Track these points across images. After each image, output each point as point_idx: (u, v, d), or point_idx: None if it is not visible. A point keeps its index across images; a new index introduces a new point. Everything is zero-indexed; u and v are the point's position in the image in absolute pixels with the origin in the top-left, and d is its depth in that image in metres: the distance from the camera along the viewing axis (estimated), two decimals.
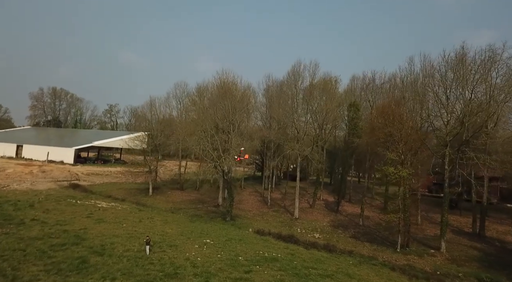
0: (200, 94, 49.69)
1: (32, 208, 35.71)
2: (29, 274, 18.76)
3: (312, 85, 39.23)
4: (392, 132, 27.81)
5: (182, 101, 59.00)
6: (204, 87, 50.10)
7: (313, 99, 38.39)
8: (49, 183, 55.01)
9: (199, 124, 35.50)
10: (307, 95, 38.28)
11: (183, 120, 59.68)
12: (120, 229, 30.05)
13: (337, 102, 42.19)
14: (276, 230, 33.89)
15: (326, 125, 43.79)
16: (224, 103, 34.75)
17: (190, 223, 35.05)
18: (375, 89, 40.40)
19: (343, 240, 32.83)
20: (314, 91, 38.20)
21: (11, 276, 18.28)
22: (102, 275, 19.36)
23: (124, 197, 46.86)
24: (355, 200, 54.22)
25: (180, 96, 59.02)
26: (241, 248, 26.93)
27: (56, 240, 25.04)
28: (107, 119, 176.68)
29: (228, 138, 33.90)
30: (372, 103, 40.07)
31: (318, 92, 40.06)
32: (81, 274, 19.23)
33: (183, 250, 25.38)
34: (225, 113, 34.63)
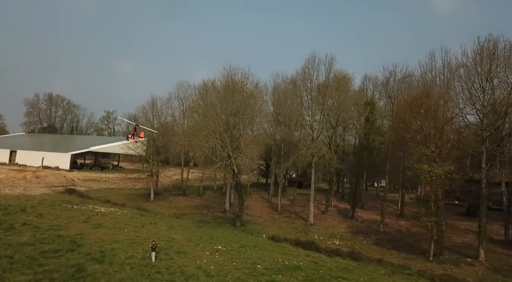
0: (207, 90, 47.13)
1: (23, 212, 32.84)
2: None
3: (327, 81, 36.88)
4: (423, 125, 25.34)
5: (185, 102, 56.49)
6: (211, 83, 47.84)
7: (327, 96, 36.01)
8: (43, 188, 52.20)
9: (206, 121, 32.92)
10: (323, 90, 35.88)
11: (185, 121, 57.16)
12: (121, 234, 27.26)
13: (351, 101, 39.82)
14: (293, 236, 31.25)
15: (339, 127, 41.25)
16: (233, 97, 32.30)
17: (197, 229, 32.32)
18: (397, 83, 38.13)
19: (366, 247, 30.16)
20: (329, 88, 35.80)
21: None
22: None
23: (123, 202, 44.14)
24: (367, 206, 51.60)
25: (182, 97, 56.53)
26: (257, 255, 24.20)
27: (48, 246, 22.24)
28: (104, 126, 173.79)
29: (238, 136, 31.37)
30: (393, 99, 37.72)
31: (332, 90, 37.65)
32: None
33: (193, 257, 22.63)
34: (234, 108, 32.15)
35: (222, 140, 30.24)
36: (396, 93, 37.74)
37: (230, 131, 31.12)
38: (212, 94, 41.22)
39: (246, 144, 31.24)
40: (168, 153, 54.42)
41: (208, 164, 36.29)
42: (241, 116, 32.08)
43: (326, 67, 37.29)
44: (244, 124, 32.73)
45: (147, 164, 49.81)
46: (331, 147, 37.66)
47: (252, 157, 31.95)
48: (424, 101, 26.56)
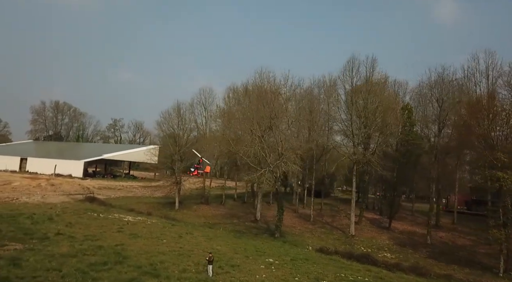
0: (240, 94, 45.67)
1: (51, 221, 31.25)
2: None
3: (370, 83, 35.41)
4: (491, 129, 23.79)
5: (208, 107, 55.19)
6: (242, 87, 46.34)
7: (369, 99, 34.54)
8: (61, 196, 50.65)
9: (246, 125, 31.49)
10: (363, 94, 34.43)
11: (208, 128, 55.81)
12: (161, 245, 25.64)
13: (387, 105, 38.29)
14: (338, 248, 29.49)
15: (373, 133, 39.54)
16: (273, 101, 30.90)
17: (237, 239, 30.65)
18: (446, 86, 36.56)
19: (422, 261, 28.43)
20: (371, 90, 34.35)
21: None
22: None
23: (148, 211, 42.48)
24: (398, 217, 49.77)
25: (204, 103, 55.25)
26: (314, 269, 22.48)
27: (93, 258, 20.62)
28: (110, 134, 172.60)
29: (280, 141, 29.81)
30: (441, 102, 36.18)
31: (366, 93, 36.16)
32: None
33: (249, 271, 20.96)
34: (274, 112, 30.72)
35: (266, 145, 28.70)
36: (445, 97, 36.22)
37: (273, 136, 29.65)
38: (247, 98, 39.77)
39: (287, 149, 29.64)
40: (191, 161, 52.79)
41: (246, 170, 34.65)
42: (279, 121, 30.63)
43: (368, 69, 36.00)
44: (283, 130, 31.18)
45: (171, 170, 48.06)
46: (375, 152, 35.99)
47: (295, 162, 30.34)
48: (490, 104, 25.04)
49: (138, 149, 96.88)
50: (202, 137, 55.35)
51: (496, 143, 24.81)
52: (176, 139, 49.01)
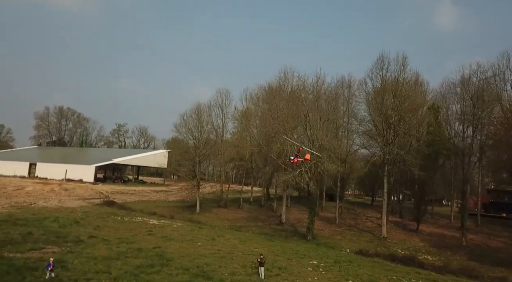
0: (271, 93, 44.79)
1: (78, 224, 30.50)
2: None
3: (399, 83, 34.79)
4: None
5: (225, 109, 54.48)
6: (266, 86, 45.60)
7: (399, 98, 33.90)
8: (77, 201, 49.87)
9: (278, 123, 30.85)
10: (394, 92, 33.77)
11: (225, 130, 55.15)
12: (199, 248, 24.86)
13: (417, 104, 37.67)
14: (378, 251, 28.73)
15: (402, 132, 38.74)
16: (303, 102, 30.33)
17: (270, 242, 29.85)
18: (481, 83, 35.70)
19: (466, 263, 27.57)
20: (404, 88, 33.74)
21: None
22: None
23: (170, 214, 41.72)
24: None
25: (221, 105, 54.57)
26: (363, 271, 21.67)
27: (137, 260, 19.85)
28: (114, 139, 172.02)
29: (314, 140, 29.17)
30: (475, 100, 35.28)
31: (397, 91, 35.51)
32: None
33: (299, 273, 20.20)
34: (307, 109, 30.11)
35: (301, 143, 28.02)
36: (478, 95, 35.53)
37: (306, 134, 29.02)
38: (274, 98, 39.03)
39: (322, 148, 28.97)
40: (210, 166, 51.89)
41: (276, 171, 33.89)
42: (313, 119, 30.01)
43: (399, 67, 35.28)
44: (317, 128, 30.51)
45: (193, 174, 47.19)
46: (409, 152, 35.28)
47: (334, 161, 29.65)
48: None
49: (148, 153, 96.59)
50: (220, 140, 54.44)
51: None
52: (195, 142, 48.32)
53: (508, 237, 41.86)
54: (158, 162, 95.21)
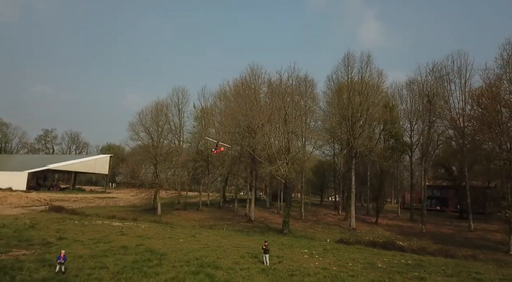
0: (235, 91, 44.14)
1: (34, 229, 27.31)
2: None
3: (364, 79, 36.76)
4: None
5: (182, 108, 52.97)
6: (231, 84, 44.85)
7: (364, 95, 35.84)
8: (14, 209, 44.70)
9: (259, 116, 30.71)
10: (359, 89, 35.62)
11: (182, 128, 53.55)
12: (184, 243, 23.72)
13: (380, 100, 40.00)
14: (356, 240, 29.88)
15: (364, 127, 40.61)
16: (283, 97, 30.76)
17: (250, 237, 29.60)
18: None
19: (435, 246, 29.64)
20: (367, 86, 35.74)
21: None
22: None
23: (131, 217, 39.31)
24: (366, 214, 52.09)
25: (178, 103, 52.95)
26: (355, 256, 22.32)
27: (130, 257, 18.28)
28: (41, 146, 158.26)
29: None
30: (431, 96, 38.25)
31: (361, 88, 37.48)
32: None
33: (299, 260, 20.26)
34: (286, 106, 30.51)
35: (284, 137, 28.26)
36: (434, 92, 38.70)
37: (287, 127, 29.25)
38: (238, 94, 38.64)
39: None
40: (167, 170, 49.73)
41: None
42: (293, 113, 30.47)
43: (363, 65, 37.33)
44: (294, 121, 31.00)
45: (155, 174, 44.74)
46: (377, 144, 37.16)
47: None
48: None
49: (88, 158, 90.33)
50: (177, 140, 52.72)
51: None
52: (156, 141, 46.20)
53: (451, 225, 46.26)
54: (99, 167, 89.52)
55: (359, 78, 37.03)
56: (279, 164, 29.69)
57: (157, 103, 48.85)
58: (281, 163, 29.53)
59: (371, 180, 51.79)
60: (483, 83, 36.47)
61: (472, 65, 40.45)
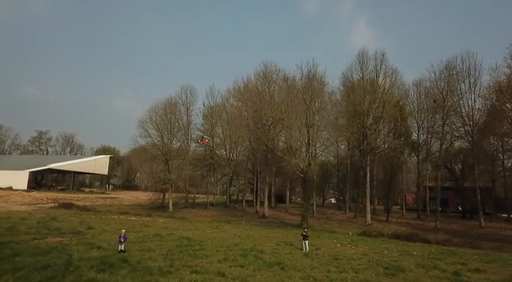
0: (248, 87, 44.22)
1: (56, 221, 27.06)
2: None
3: (378, 76, 37.34)
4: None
5: (190, 107, 53.05)
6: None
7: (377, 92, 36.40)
8: (21, 206, 44.16)
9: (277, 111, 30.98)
10: (375, 85, 36.20)
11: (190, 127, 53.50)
12: (213, 234, 23.81)
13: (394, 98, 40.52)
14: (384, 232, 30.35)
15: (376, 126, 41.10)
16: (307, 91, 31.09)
17: (272, 230, 29.76)
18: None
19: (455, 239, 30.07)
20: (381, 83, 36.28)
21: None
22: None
23: (143, 213, 39.12)
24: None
25: (186, 102, 53.01)
26: (387, 246, 22.57)
27: (169, 243, 18.35)
28: (34, 148, 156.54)
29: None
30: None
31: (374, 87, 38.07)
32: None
33: (335, 247, 20.55)
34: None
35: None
36: (448, 90, 39.31)
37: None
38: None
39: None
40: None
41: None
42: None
43: (377, 63, 37.94)
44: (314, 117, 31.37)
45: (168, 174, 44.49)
46: (393, 141, 37.75)
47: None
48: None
49: (89, 158, 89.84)
50: (186, 138, 52.66)
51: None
52: (168, 138, 46.18)
53: (458, 224, 46.83)
54: (99, 168, 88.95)
55: (374, 75, 37.65)
56: (300, 158, 29.91)
57: (167, 101, 48.79)
58: (302, 157, 29.79)
59: (378, 179, 52.33)
60: (491, 81, 37.58)
61: (481, 65, 41.24)
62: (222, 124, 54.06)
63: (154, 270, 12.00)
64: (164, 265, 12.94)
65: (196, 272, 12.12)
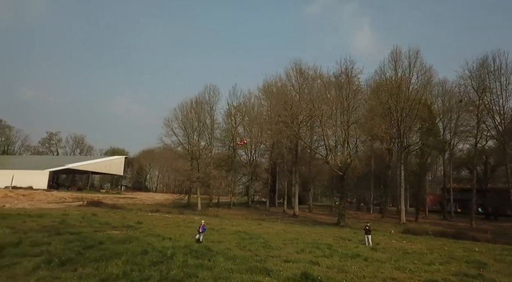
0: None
1: (98, 217, 27.00)
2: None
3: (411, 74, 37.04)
4: None
5: (213, 106, 52.98)
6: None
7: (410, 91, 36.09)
8: (49, 204, 44.26)
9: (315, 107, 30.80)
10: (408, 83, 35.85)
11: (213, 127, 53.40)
12: (263, 229, 23.69)
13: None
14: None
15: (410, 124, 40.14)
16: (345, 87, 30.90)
17: (314, 227, 29.61)
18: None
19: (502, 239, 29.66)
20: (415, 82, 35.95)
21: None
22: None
23: (175, 211, 39.11)
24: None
25: (209, 101, 52.96)
26: (442, 243, 22.34)
27: (234, 236, 18.30)
28: (45, 149, 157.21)
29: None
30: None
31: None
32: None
33: (392, 243, 20.38)
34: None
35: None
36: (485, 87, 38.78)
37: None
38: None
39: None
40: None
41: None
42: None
43: (411, 61, 37.62)
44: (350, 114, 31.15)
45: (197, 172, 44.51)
46: (429, 139, 37.47)
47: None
48: None
49: (105, 158, 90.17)
50: (209, 138, 52.60)
51: None
52: (190, 138, 46.15)
53: (487, 225, 46.15)
54: (115, 168, 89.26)
55: (409, 73, 37.39)
56: (337, 156, 29.75)
57: (192, 100, 48.87)
58: (342, 154, 29.59)
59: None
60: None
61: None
62: (244, 124, 54.09)
63: (248, 258, 11.85)
64: (249, 255, 12.78)
65: (287, 261, 11.95)
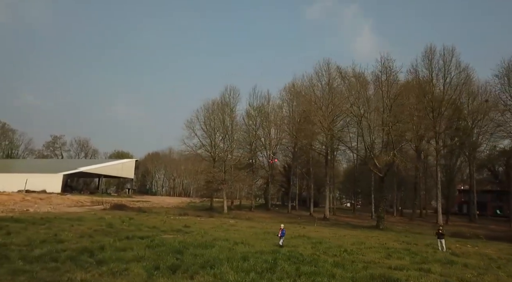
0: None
1: (135, 220, 26.20)
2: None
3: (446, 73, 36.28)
4: None
5: (233, 108, 52.24)
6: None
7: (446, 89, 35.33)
8: (71, 208, 43.49)
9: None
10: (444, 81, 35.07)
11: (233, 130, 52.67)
12: (312, 233, 22.95)
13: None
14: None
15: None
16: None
17: (355, 231, 28.79)
18: None
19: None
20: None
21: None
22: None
23: (204, 214, 38.36)
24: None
25: (229, 103, 52.22)
26: (502, 247, 21.60)
27: (294, 241, 17.58)
28: (49, 153, 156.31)
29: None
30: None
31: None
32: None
33: (458, 248, 19.55)
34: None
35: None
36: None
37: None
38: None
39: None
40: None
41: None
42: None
43: (446, 59, 36.79)
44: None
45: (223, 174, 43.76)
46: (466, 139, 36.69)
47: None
48: None
49: (116, 162, 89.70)
50: (229, 140, 51.81)
51: None
52: (212, 140, 45.46)
53: (503, 225, 45.20)
54: (126, 171, 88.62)
55: (444, 72, 36.64)
56: (382, 155, 28.93)
57: (214, 102, 48.30)
58: (385, 154, 28.76)
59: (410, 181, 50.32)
60: None
61: None
62: (263, 126, 53.51)
63: (351, 265, 11.09)
64: (347, 262, 11.97)
65: (397, 269, 11.18)
